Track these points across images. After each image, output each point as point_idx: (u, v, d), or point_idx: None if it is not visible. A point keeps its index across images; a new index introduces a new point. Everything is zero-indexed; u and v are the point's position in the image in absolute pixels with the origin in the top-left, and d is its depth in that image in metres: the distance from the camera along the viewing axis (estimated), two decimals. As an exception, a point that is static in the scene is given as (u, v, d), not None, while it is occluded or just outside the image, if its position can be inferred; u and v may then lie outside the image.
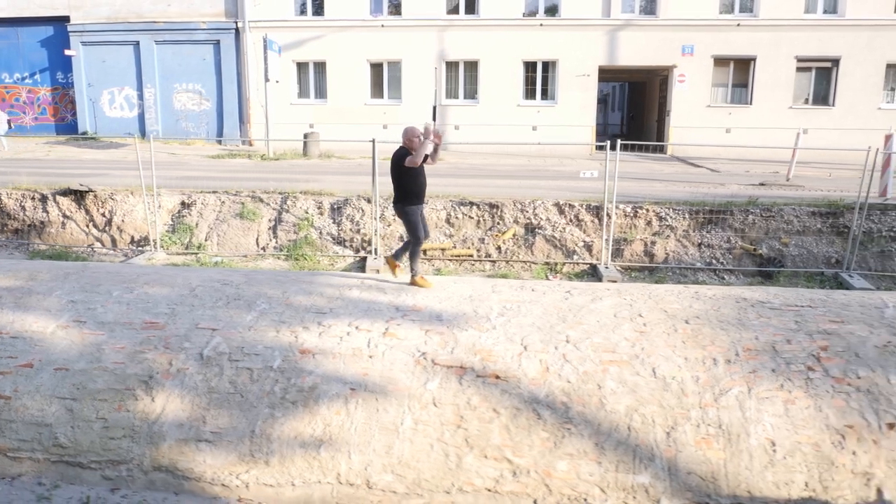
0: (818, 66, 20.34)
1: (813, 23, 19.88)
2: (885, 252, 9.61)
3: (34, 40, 25.31)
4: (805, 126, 19.87)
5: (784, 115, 20.17)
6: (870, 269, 9.48)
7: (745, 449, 5.04)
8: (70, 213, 10.84)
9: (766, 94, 20.34)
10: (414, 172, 6.87)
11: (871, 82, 19.65)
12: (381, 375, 5.71)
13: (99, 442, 5.58)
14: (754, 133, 19.69)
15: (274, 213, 10.62)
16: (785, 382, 5.37)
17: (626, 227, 10.00)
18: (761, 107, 20.35)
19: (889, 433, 5.03)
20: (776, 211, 9.95)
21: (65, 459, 5.58)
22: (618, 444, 5.16)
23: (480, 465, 5.20)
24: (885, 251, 9.62)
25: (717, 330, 5.95)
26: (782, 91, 20.28)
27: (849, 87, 19.95)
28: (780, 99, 20.31)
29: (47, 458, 5.61)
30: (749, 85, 20.60)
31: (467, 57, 21.96)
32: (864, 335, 5.80)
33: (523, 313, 6.33)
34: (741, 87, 20.84)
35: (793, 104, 20.54)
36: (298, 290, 6.92)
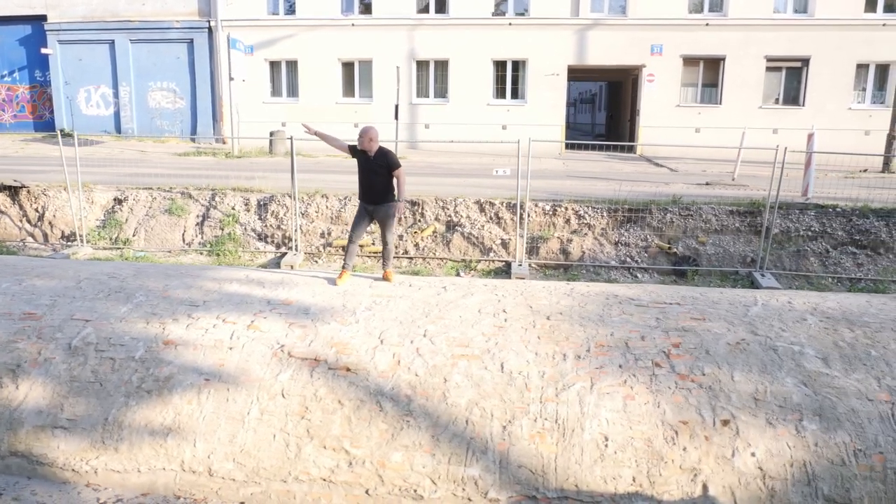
0: (788, 65, 20.31)
1: (782, 22, 19.85)
2: (800, 251, 9.61)
3: (12, 39, 25.65)
4: (775, 126, 19.92)
5: (754, 114, 20.12)
6: (784, 268, 9.49)
7: (577, 443, 5.11)
8: (4, 209, 11.06)
9: (735, 93, 20.32)
10: (359, 167, 7.07)
11: (842, 82, 19.59)
12: (237, 367, 5.83)
13: (-39, 428, 5.74)
14: (724, 133, 19.59)
15: (202, 210, 10.79)
16: (629, 378, 5.44)
17: (545, 225, 10.06)
18: (731, 107, 20.33)
19: (722, 429, 5.09)
20: (695, 210, 9.99)
21: (-72, 444, 5.75)
22: (453, 436, 5.25)
23: (318, 455, 5.30)
24: (800, 251, 9.62)
25: (575, 326, 6.02)
26: (752, 91, 20.25)
27: (819, 86, 19.89)
28: (750, 99, 20.28)
29: (-89, 443, 5.78)
30: (719, 85, 20.60)
31: (437, 56, 22.10)
32: (721, 332, 5.86)
33: (390, 308, 6.44)
34: (711, 87, 20.84)
35: (763, 104, 20.50)
36: (181, 283, 7.05)
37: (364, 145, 6.94)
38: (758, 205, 10.10)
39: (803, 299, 6.51)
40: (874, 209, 10.03)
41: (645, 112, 20.81)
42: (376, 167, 7.01)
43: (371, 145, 6.94)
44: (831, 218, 9.92)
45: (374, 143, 6.97)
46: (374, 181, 7.06)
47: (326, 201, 10.71)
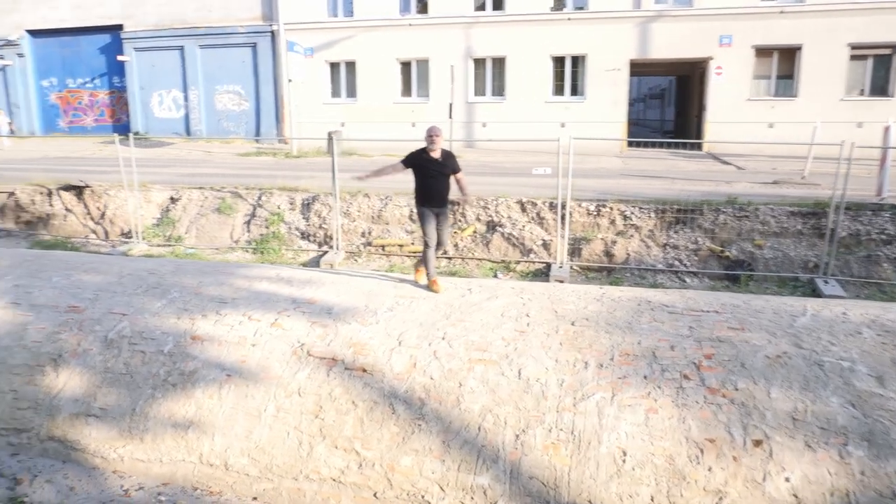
0: (875, 53, 18.83)
1: (870, 6, 18.42)
2: (871, 257, 8.85)
3: (94, 48, 27.20)
4: (860, 119, 18.58)
5: (835, 107, 18.79)
6: (853, 275, 8.77)
7: (593, 457, 4.90)
8: (70, 207, 11.70)
9: (814, 85, 19.05)
10: (420, 173, 6.83)
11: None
12: (258, 364, 5.91)
13: (8, 412, 6.09)
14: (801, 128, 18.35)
15: (250, 208, 11.07)
16: (654, 390, 5.17)
17: (589, 225, 9.73)
18: (809, 99, 19.07)
19: (753, 450, 4.75)
20: (751, 210, 9.41)
21: (-22, 426, 6.12)
22: (465, 443, 5.13)
23: (330, 455, 5.30)
24: (872, 256, 8.86)
25: (600, 333, 5.78)
26: (833, 82, 18.93)
27: (911, 76, 18.44)
28: (831, 91, 18.95)
29: (-36, 424, 6.16)
30: (795, 76, 19.42)
31: (494, 53, 21.90)
32: (760, 344, 5.49)
33: (412, 309, 6.37)
34: (786, 79, 19.64)
35: (846, 96, 19.12)
36: (214, 280, 7.22)
37: (434, 144, 6.73)
38: (823, 205, 9.42)
39: (861, 310, 6.02)
40: None
41: (712, 107, 19.92)
42: (442, 169, 6.81)
43: (439, 142, 6.77)
44: None
45: (440, 141, 6.80)
46: (441, 184, 6.87)
47: (368, 201, 10.79)
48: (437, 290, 6.84)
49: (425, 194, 6.88)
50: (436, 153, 6.78)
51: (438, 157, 6.80)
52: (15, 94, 27.77)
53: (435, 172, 6.78)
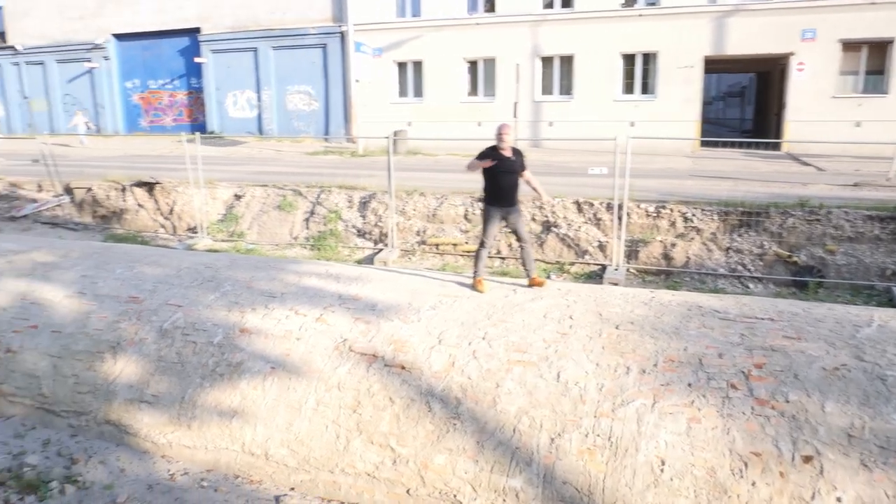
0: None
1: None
2: None
3: (173, 50, 28.59)
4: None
5: (931, 104, 17.62)
6: None
7: (629, 465, 4.77)
8: (142, 202, 12.35)
9: (909, 81, 17.90)
10: (490, 171, 6.74)
11: None
12: (301, 357, 6.06)
13: (70, 395, 6.49)
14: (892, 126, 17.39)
15: (310, 206, 11.37)
16: (697, 399, 4.99)
17: (648, 227, 9.45)
18: (902, 96, 17.92)
19: (802, 466, 4.52)
20: (824, 214, 8.88)
21: (44, 407, 6.56)
22: (499, 444, 5.10)
23: (365, 450, 5.38)
24: None
25: (645, 337, 5.62)
26: (931, 78, 17.73)
27: None
28: (929, 87, 17.75)
29: (33, 404, 6.62)
30: (886, 71, 18.23)
31: (562, 52, 21.63)
32: (817, 355, 5.20)
33: (455, 308, 6.38)
34: (876, 75, 18.45)
35: (943, 92, 17.88)
36: (265, 275, 7.45)
37: (503, 141, 6.66)
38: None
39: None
40: None
41: (793, 105, 18.98)
42: (513, 167, 6.74)
43: (508, 139, 6.69)
44: None
45: (510, 138, 6.72)
46: (511, 182, 6.78)
47: (424, 199, 10.89)
48: (481, 289, 6.80)
49: (495, 193, 6.81)
50: (506, 151, 6.71)
51: (509, 154, 6.74)
52: (101, 94, 29.51)
53: (505, 170, 6.71)
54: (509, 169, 6.72)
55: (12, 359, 6.85)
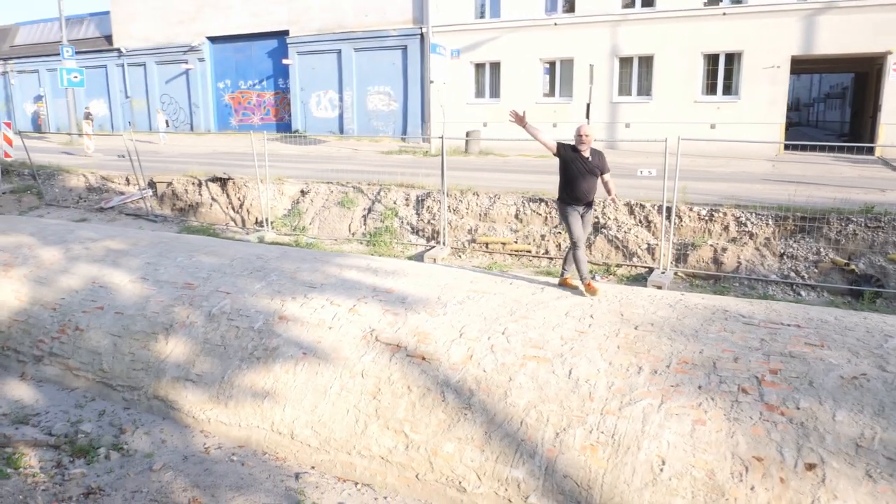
0: None
1: None
2: None
3: (262, 52, 30.12)
4: None
5: None
6: None
7: (630, 463, 4.86)
8: (216, 197, 13.25)
9: None
10: (568, 170, 6.73)
11: None
12: (331, 345, 6.46)
13: (126, 371, 7.18)
14: None
15: (369, 203, 11.85)
16: (705, 401, 5.00)
17: (700, 231, 9.23)
18: None
19: (804, 474, 4.47)
20: (887, 221, 8.40)
21: (104, 381, 7.28)
22: (505, 436, 5.29)
23: (381, 435, 5.70)
24: None
25: (662, 339, 5.65)
26: None
27: None
28: None
29: (94, 378, 7.36)
30: None
31: (642, 52, 21.27)
32: (837, 363, 5.09)
33: (481, 304, 6.60)
34: (983, 77, 17.18)
35: None
36: (310, 267, 7.93)
37: (583, 143, 6.66)
38: None
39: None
40: None
41: (889, 108, 17.87)
42: (593, 168, 6.72)
43: (588, 141, 6.69)
44: None
45: (590, 140, 6.72)
46: (589, 183, 6.74)
47: (477, 199, 11.12)
48: (594, 292, 6.62)
49: (572, 192, 6.77)
50: (585, 151, 6.70)
51: (588, 155, 6.71)
52: (195, 94, 31.48)
53: (583, 171, 6.69)
54: (588, 170, 6.69)
55: (80, 336, 7.62)
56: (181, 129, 32.40)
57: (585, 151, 6.71)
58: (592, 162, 6.73)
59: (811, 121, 44.35)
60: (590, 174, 6.72)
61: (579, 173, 6.69)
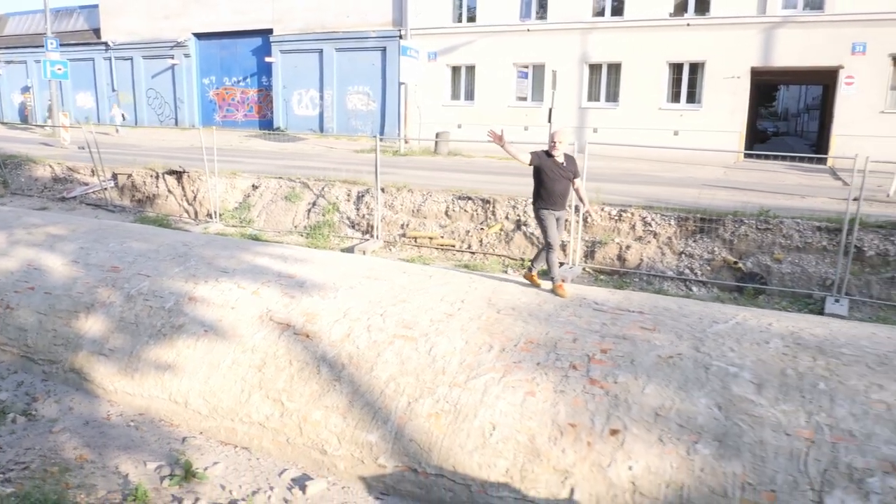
0: None
1: None
2: (894, 278, 8.17)
3: (247, 49, 30.85)
4: None
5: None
6: (871, 296, 8.16)
7: (466, 429, 5.47)
8: (172, 189, 13.90)
9: (964, 99, 17.19)
10: (543, 176, 7.00)
11: None
12: (230, 323, 7.08)
13: (47, 346, 7.80)
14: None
15: (313, 198, 12.49)
16: (539, 376, 5.62)
17: (609, 229, 9.86)
18: (957, 115, 17.22)
19: (608, 438, 5.09)
20: (775, 224, 9.01)
21: (27, 355, 7.90)
22: (366, 404, 5.91)
23: (262, 404, 6.32)
24: (894, 277, 8.18)
25: (518, 321, 6.27)
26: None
27: None
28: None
29: (19, 353, 7.98)
30: (940, 89, 17.56)
31: (610, 59, 21.93)
32: (661, 344, 5.71)
33: (370, 289, 7.22)
34: (929, 92, 17.80)
35: None
36: (228, 254, 8.56)
37: (555, 148, 6.95)
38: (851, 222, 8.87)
39: (789, 323, 5.97)
40: None
41: (841, 119, 18.49)
42: (567, 172, 7.03)
43: (560, 147, 6.97)
44: None
45: (562, 146, 6.99)
46: (562, 186, 7.06)
47: (411, 196, 11.75)
48: (564, 294, 6.87)
49: (547, 197, 7.05)
50: (559, 157, 6.99)
51: (561, 160, 7.00)
52: (180, 90, 32.21)
53: (557, 175, 6.98)
54: (561, 174, 7.00)
55: (9, 314, 8.23)
56: (166, 123, 33.13)
57: (559, 157, 6.99)
58: (566, 166, 7.03)
59: (798, 131, 45.01)
60: (564, 178, 7.04)
61: (554, 178, 6.98)
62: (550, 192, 7.02)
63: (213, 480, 5.67)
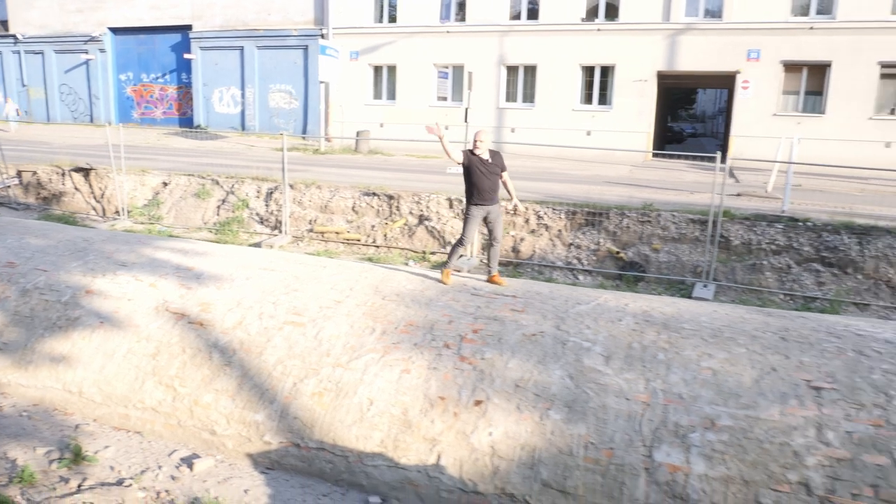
0: (908, 73, 18.37)
1: (903, 25, 18.02)
2: (756, 266, 9.15)
3: (166, 46, 30.31)
4: (889, 139, 18.22)
5: (863, 126, 18.45)
6: (736, 281, 9.12)
7: (346, 405, 5.91)
8: (79, 186, 13.79)
9: (842, 102, 18.70)
10: (472, 173, 7.38)
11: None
12: (126, 314, 7.29)
13: (-61, 341, 7.79)
14: (828, 145, 18.33)
15: (223, 194, 12.66)
16: (415, 355, 6.11)
17: (506, 223, 10.52)
18: (837, 117, 18.74)
19: (473, 408, 5.63)
20: (654, 217, 9.87)
21: (-79, 352, 7.86)
22: (254, 386, 6.27)
23: (155, 389, 6.59)
24: (756, 265, 9.17)
25: (400, 307, 6.75)
26: (862, 100, 18.53)
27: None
28: (860, 108, 18.56)
29: (-89, 350, 7.93)
30: (824, 93, 19.10)
31: (527, 61, 22.77)
32: (526, 324, 6.29)
33: (264, 279, 7.56)
34: (815, 95, 19.31)
35: (874, 115, 18.67)
36: (128, 249, 8.72)
37: (477, 147, 7.35)
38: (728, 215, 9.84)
39: (643, 304, 6.67)
40: (849, 225, 9.31)
41: (738, 121, 19.88)
42: (494, 168, 7.42)
43: (482, 145, 7.37)
44: (800, 232, 9.38)
45: (483, 145, 7.39)
46: (490, 182, 7.43)
47: (319, 192, 12.11)
48: (447, 281, 7.39)
49: (477, 193, 7.45)
50: (482, 154, 7.38)
51: (486, 157, 7.39)
52: (96, 86, 31.36)
53: (484, 171, 7.37)
54: (488, 170, 7.40)
55: None
56: (81, 120, 32.19)
57: (483, 154, 7.39)
58: (492, 162, 7.44)
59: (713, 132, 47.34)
60: (491, 174, 7.44)
61: (481, 174, 7.39)
62: (480, 188, 7.44)
63: (102, 462, 5.91)
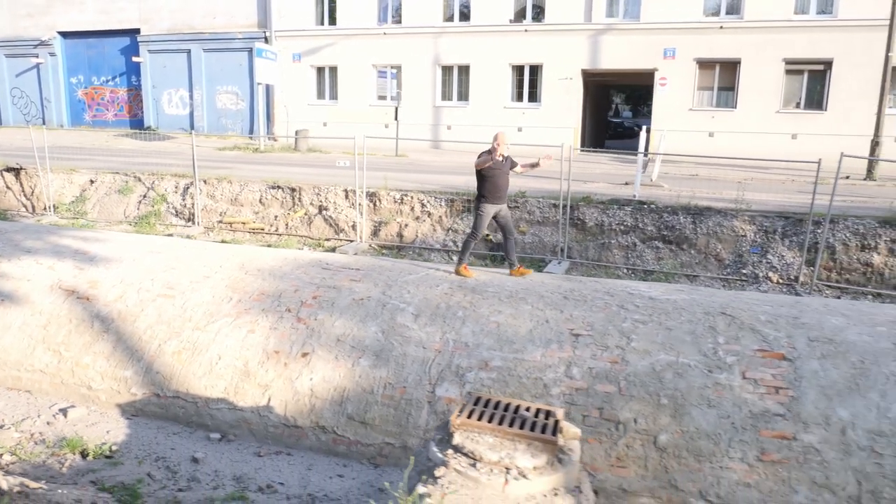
0: (810, 68, 19.88)
1: (803, 24, 19.52)
2: (606, 244, 10.53)
3: (115, 49, 31.31)
4: (795, 131, 19.76)
5: (772, 119, 20.01)
6: (587, 258, 10.51)
7: (199, 360, 7.15)
8: (10, 185, 14.88)
9: (752, 97, 20.26)
10: (488, 173, 7.84)
11: (870, 86, 18.83)
12: (25, 293, 8.45)
13: None
14: (740, 137, 19.86)
15: (144, 190, 13.83)
16: (261, 317, 7.35)
17: (394, 211, 11.80)
18: (747, 111, 20.32)
19: (300, 359, 6.88)
20: (522, 203, 11.22)
21: None
22: (126, 349, 7.48)
23: (43, 354, 7.76)
24: (606, 243, 10.55)
25: (258, 279, 7.99)
26: (770, 95, 20.09)
27: (843, 90, 19.33)
28: (768, 103, 20.13)
29: None
30: (735, 88, 20.65)
31: (460, 61, 24.11)
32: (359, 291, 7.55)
33: (151, 260, 8.75)
34: (727, 91, 20.87)
35: (782, 108, 20.24)
36: (37, 237, 9.87)
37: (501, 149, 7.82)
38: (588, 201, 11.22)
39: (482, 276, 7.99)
40: (685, 207, 10.73)
41: (657, 116, 21.37)
42: (507, 169, 7.99)
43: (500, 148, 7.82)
44: (645, 214, 10.76)
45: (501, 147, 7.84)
46: (505, 181, 8.02)
47: (230, 186, 13.32)
48: (468, 275, 7.89)
49: (494, 191, 7.96)
50: (500, 155, 7.87)
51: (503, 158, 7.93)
52: (47, 89, 32.26)
53: (501, 171, 7.95)
54: (505, 171, 7.99)
55: None
56: (33, 123, 33.02)
57: (501, 155, 7.89)
58: (507, 164, 8.02)
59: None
60: (505, 174, 8.03)
61: (501, 174, 7.95)
62: (498, 186, 8.00)
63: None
